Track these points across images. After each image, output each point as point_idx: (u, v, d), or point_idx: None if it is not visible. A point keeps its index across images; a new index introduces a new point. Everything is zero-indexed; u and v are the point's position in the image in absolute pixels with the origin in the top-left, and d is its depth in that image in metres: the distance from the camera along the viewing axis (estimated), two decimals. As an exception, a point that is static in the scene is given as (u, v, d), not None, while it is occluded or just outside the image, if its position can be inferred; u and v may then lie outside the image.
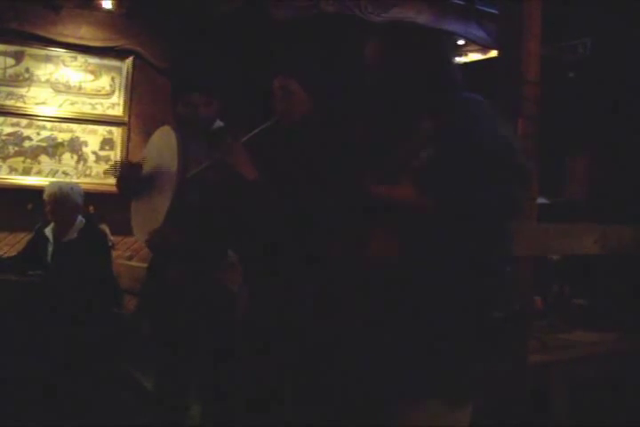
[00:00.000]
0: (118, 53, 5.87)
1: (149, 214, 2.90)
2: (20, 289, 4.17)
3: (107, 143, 5.87)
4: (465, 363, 1.88)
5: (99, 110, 5.84)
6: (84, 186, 4.79)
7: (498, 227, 1.91)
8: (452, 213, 1.82)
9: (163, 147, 2.93)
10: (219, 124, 3.03)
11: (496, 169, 1.83)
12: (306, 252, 2.45)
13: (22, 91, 5.55)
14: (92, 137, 5.82)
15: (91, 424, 3.70)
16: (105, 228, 4.82)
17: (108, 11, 5.70)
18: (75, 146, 5.75)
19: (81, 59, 5.76)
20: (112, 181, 3.15)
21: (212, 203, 2.79)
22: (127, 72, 5.92)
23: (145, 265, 3.40)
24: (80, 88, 5.77)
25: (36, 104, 5.60)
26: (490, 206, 1.84)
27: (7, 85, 5.50)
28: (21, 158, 5.56)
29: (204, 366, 3.01)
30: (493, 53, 5.67)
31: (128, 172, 3.03)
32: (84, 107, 5.78)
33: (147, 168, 2.99)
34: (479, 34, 5.68)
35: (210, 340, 2.95)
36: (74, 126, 5.75)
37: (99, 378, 4.06)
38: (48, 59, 5.64)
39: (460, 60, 5.91)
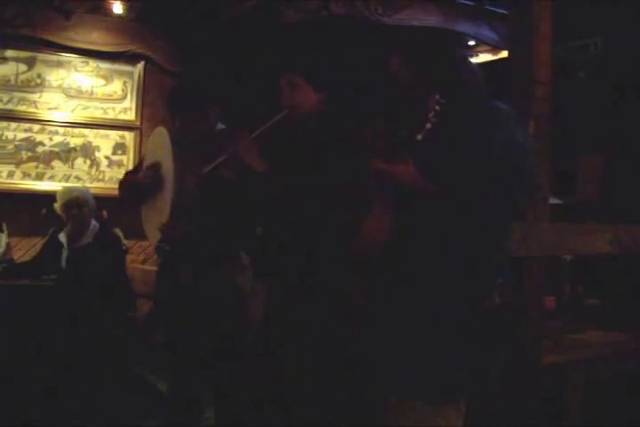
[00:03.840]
0: (129, 58, 5.88)
1: (157, 216, 2.93)
2: (34, 294, 4.19)
3: (119, 148, 5.89)
4: (455, 362, 1.89)
5: (111, 115, 5.86)
6: (96, 191, 4.83)
7: (496, 228, 1.93)
8: (449, 203, 1.84)
9: (158, 148, 2.98)
10: (220, 126, 3.11)
11: (503, 171, 1.86)
12: (313, 249, 2.48)
13: (34, 96, 5.57)
14: (104, 142, 5.83)
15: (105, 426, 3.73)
16: (118, 232, 4.83)
17: (119, 16, 5.70)
18: (87, 151, 5.76)
19: (92, 64, 5.77)
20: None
21: (228, 198, 2.83)
22: (139, 77, 5.92)
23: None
24: (92, 93, 5.78)
25: (49, 109, 5.62)
26: (488, 204, 1.86)
27: (19, 91, 5.52)
28: (34, 164, 5.58)
29: (215, 367, 3.03)
30: (504, 54, 5.64)
31: (132, 175, 3.09)
32: (96, 112, 5.80)
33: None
34: (489, 34, 5.65)
35: (221, 341, 2.97)
36: (86, 131, 5.76)
37: (112, 381, 4.08)
38: (60, 64, 5.66)
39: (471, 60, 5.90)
